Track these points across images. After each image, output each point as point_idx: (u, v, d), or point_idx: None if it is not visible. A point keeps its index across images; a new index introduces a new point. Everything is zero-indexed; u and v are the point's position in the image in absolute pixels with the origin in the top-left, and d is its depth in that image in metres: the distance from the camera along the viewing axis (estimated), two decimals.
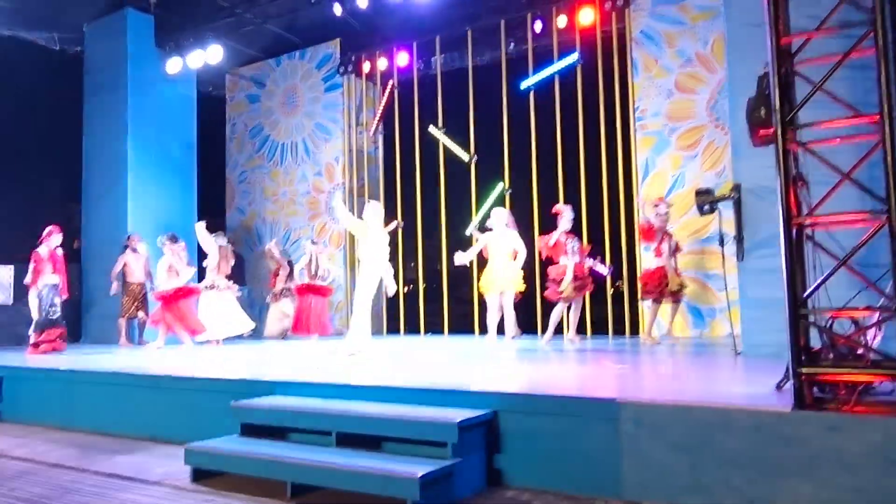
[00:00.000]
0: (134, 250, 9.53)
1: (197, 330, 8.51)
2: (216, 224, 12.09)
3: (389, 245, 7.14)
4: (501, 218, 7.61)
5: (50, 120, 11.12)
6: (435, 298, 10.84)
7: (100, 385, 5.91)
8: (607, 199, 9.52)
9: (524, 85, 10.17)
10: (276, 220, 12.07)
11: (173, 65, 10.72)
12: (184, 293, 8.57)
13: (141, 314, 9.59)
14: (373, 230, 6.91)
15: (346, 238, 11.42)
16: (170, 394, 5.45)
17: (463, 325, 10.49)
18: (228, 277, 9.14)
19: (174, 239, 8.79)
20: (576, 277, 7.65)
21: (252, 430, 4.58)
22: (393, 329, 11.19)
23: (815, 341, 3.58)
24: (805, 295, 3.39)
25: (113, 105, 10.63)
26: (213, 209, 12.42)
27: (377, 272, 6.89)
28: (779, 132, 3.39)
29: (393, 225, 11.08)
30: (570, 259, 7.69)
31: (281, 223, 12.03)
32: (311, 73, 11.94)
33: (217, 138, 12.73)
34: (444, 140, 10.87)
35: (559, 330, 8.27)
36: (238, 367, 6.22)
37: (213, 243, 8.81)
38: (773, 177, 3.41)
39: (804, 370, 3.30)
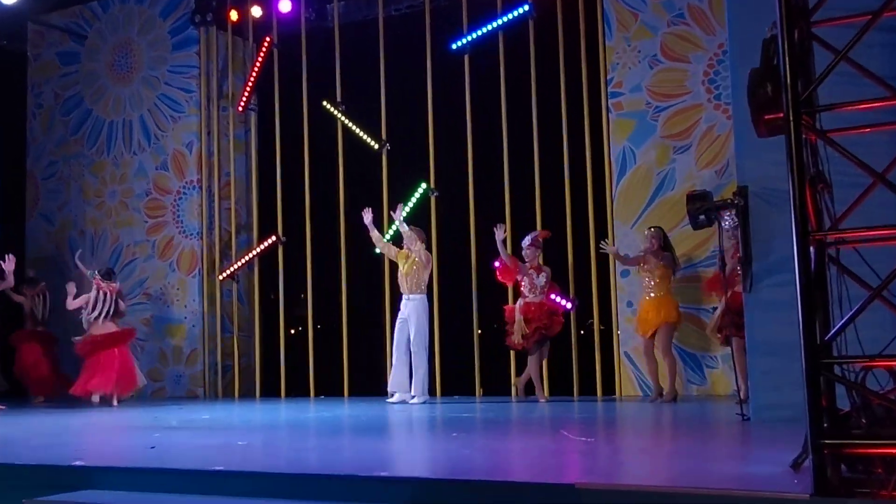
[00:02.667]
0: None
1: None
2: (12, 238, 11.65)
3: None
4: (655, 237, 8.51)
5: None
6: (332, 346, 10.76)
7: None
8: (570, 205, 9.67)
9: (456, 45, 10.27)
10: (99, 233, 11.79)
11: None
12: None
13: None
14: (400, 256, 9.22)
15: (201, 263, 11.22)
16: None
17: (370, 384, 10.42)
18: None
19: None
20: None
21: None
22: (270, 391, 11.02)
23: (843, 401, 3.67)
24: (827, 338, 3.48)
25: None
26: (5, 215, 11.98)
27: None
28: (790, 117, 3.48)
29: (270, 241, 11.03)
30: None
31: (107, 236, 11.74)
32: (152, 23, 11.77)
33: (13, 113, 12.33)
34: (343, 120, 10.84)
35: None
36: (38, 445, 5.98)
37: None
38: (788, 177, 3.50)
39: (827, 441, 3.37)
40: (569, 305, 9.24)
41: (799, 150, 3.45)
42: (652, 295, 8.37)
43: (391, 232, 10.20)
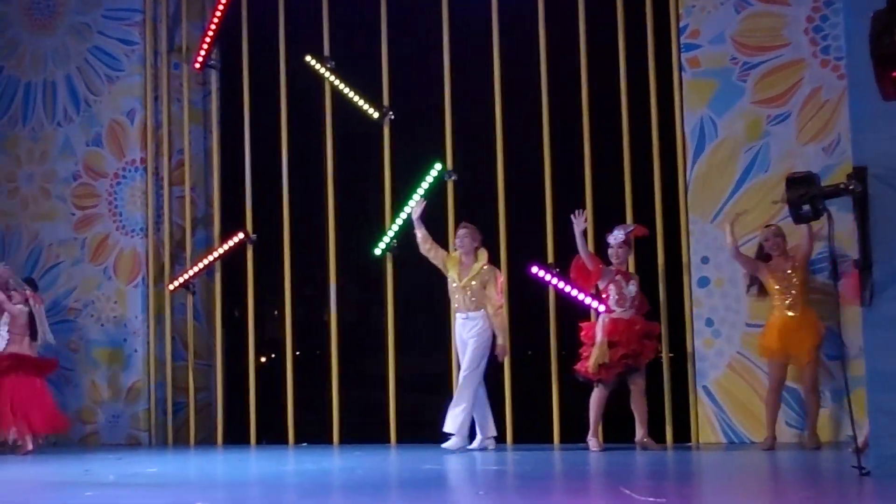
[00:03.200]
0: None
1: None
2: None
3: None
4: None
5: None
6: (316, 378, 10.80)
7: None
8: (630, 192, 9.67)
9: None
10: (11, 229, 11.79)
11: None
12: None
13: None
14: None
15: (146, 268, 11.26)
16: None
17: (368, 428, 10.47)
18: None
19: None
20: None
21: None
22: (237, 436, 11.07)
23: None
24: None
25: None
26: None
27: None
28: None
29: (234, 242, 11.02)
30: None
31: (21, 234, 11.75)
32: None
33: None
34: (332, 81, 10.84)
35: None
36: None
37: None
38: None
39: None
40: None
41: None
42: (790, 311, 8.42)
43: (394, 229, 10.22)
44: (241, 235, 11.12)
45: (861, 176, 5.94)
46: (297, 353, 11.04)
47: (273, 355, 11.47)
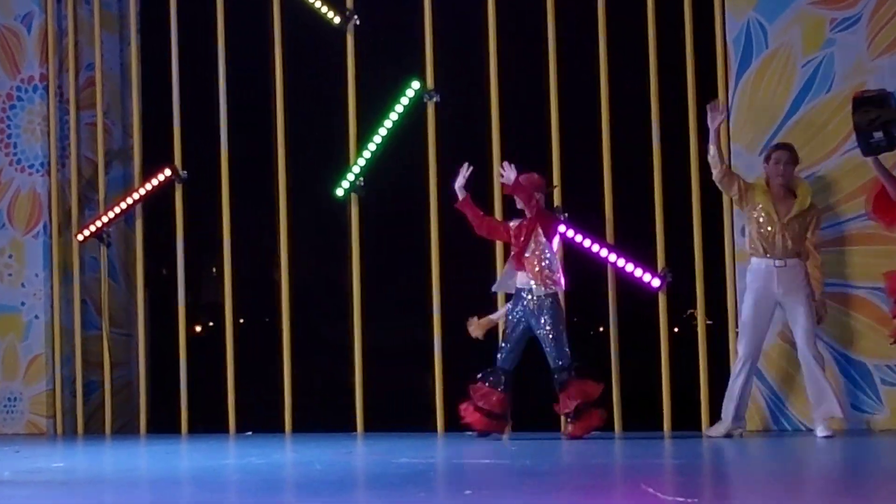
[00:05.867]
0: None
1: None
2: None
3: None
4: None
5: None
6: (264, 351, 10.84)
7: None
8: (658, 118, 9.65)
9: None
10: None
11: None
12: None
13: None
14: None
15: (48, 214, 11.20)
16: None
17: (330, 413, 10.58)
18: None
19: None
20: None
21: None
22: (164, 423, 11.08)
23: None
24: None
25: None
26: None
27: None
28: None
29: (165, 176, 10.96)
30: None
31: None
32: None
33: None
34: None
35: None
36: None
37: None
38: None
39: None
40: (655, 283, 9.29)
41: None
42: None
43: (360, 164, 10.15)
44: (167, 173, 11.13)
45: None
46: (241, 320, 11.06)
47: (210, 324, 11.61)
